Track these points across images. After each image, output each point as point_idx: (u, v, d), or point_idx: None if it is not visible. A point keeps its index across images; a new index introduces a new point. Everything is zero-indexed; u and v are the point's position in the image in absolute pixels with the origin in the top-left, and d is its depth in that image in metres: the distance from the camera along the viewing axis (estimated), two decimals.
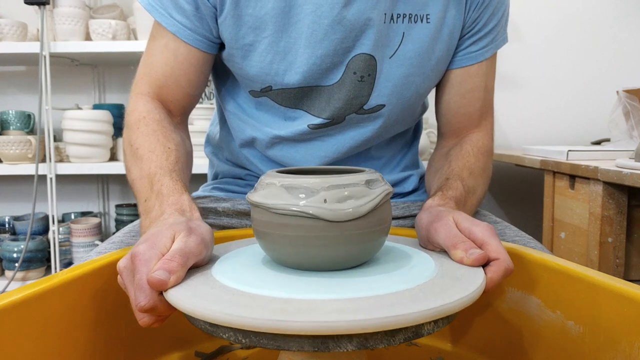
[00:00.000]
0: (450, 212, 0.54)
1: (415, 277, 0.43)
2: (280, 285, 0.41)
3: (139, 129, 0.67)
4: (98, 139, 1.75)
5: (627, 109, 1.43)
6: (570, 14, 1.96)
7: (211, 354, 0.61)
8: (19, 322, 0.42)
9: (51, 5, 1.70)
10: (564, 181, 1.28)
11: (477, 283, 0.42)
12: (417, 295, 0.39)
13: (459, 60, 0.75)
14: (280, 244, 0.44)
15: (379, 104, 0.72)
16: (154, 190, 0.58)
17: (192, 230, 0.48)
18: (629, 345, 0.41)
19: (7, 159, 1.77)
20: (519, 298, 0.54)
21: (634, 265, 1.18)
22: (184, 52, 0.70)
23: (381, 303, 0.37)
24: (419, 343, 0.63)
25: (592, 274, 0.46)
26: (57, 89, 1.94)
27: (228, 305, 0.38)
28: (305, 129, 0.73)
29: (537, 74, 1.98)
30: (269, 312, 0.36)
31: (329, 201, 0.42)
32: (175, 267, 0.42)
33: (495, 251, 0.47)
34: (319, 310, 0.36)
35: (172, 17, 0.68)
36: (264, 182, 0.45)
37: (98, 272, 0.51)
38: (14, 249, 1.76)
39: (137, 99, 0.71)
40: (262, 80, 0.71)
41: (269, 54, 0.68)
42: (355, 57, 0.69)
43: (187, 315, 0.42)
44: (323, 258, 0.43)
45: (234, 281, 0.42)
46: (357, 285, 0.41)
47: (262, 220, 0.45)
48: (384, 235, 0.46)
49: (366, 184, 0.44)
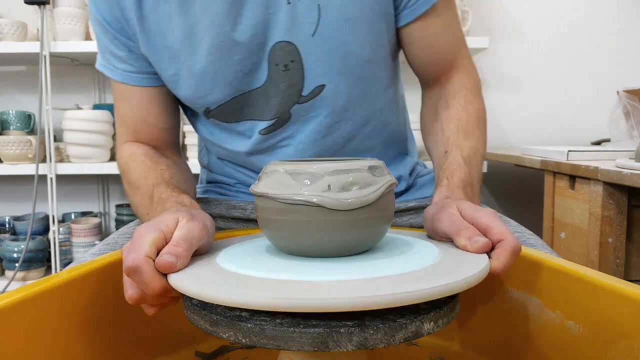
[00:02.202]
0: (454, 202, 0.54)
1: (419, 262, 0.43)
2: (285, 269, 0.42)
3: (130, 166, 0.70)
4: (98, 139, 1.75)
5: (627, 109, 1.43)
6: (570, 14, 1.96)
7: (211, 354, 0.61)
8: (19, 322, 0.42)
9: (51, 5, 1.71)
10: (564, 181, 1.28)
11: (481, 264, 0.42)
12: (421, 276, 0.39)
13: (405, 16, 0.71)
14: (284, 231, 0.44)
15: (317, 85, 0.69)
16: (154, 200, 0.60)
17: (194, 216, 0.49)
18: (629, 345, 0.41)
19: (7, 159, 1.77)
20: (519, 298, 0.54)
21: (634, 265, 1.18)
22: (138, 93, 0.73)
23: (384, 283, 0.38)
24: (419, 343, 0.63)
25: (592, 274, 0.46)
26: (57, 89, 1.94)
27: (234, 286, 0.38)
28: (259, 137, 0.72)
29: (537, 74, 1.99)
30: (275, 291, 0.37)
31: (333, 187, 0.42)
32: (181, 252, 0.43)
33: (499, 233, 0.47)
34: (325, 289, 0.37)
35: (116, 68, 0.72)
36: (268, 170, 0.46)
37: (98, 272, 0.51)
38: (14, 249, 1.77)
39: (122, 148, 0.75)
40: (198, 103, 0.71)
41: (193, 79, 0.68)
42: (272, 48, 0.66)
43: (186, 315, 0.42)
44: (326, 245, 0.44)
45: (238, 267, 0.43)
46: (361, 268, 0.41)
47: (265, 208, 0.45)
48: (387, 223, 0.47)
49: (370, 170, 0.45)
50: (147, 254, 0.42)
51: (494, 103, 1.97)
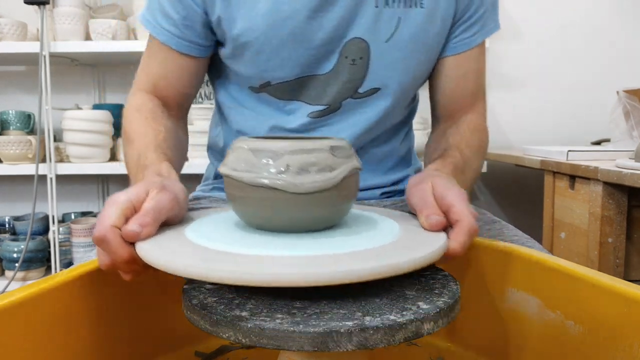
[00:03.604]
0: (431, 177, 0.56)
1: (374, 240, 0.45)
2: (242, 242, 0.44)
3: (133, 117, 0.72)
4: (98, 139, 1.75)
5: (627, 109, 1.43)
6: (570, 14, 1.96)
7: (211, 354, 0.61)
8: (19, 322, 0.42)
9: (51, 5, 1.71)
10: (564, 181, 1.28)
11: (434, 246, 0.44)
12: (368, 255, 0.41)
13: (452, 48, 0.77)
14: (246, 207, 0.47)
15: (374, 87, 0.74)
16: (140, 164, 0.62)
17: (165, 187, 0.50)
18: (629, 345, 0.42)
19: (7, 159, 1.77)
20: (519, 298, 0.54)
21: (634, 265, 1.18)
22: (175, 57, 0.74)
23: (339, 259, 0.40)
24: (419, 343, 0.63)
25: (592, 274, 0.46)
26: (57, 89, 1.94)
27: (188, 257, 0.41)
28: (306, 120, 0.76)
29: (537, 74, 1.99)
30: (231, 265, 0.39)
31: (291, 167, 0.44)
32: (148, 221, 0.45)
33: (458, 213, 0.49)
34: (269, 264, 0.39)
35: (162, 27, 0.73)
36: (235, 146, 0.48)
37: (98, 272, 0.51)
38: (14, 249, 1.76)
39: (135, 94, 0.76)
40: (260, 77, 0.73)
41: (264, 53, 0.70)
42: (348, 42, 0.71)
43: (187, 315, 0.42)
44: (286, 222, 0.46)
45: (201, 239, 0.45)
46: (313, 245, 0.43)
47: (230, 185, 0.47)
48: (347, 204, 0.48)
49: (331, 151, 0.45)
50: (114, 224, 0.44)
51: (494, 103, 1.97)
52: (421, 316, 0.39)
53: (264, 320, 0.38)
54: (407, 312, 0.39)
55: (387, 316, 0.38)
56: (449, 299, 0.42)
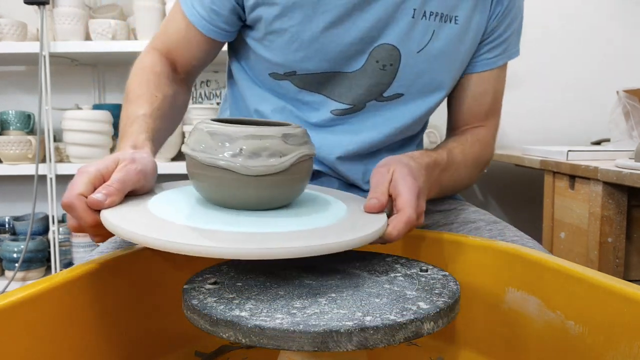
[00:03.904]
0: (398, 162, 0.59)
1: (317, 221, 0.48)
2: (192, 216, 0.48)
3: (137, 76, 0.73)
4: (98, 139, 1.75)
5: (627, 109, 1.43)
6: (570, 14, 1.96)
7: (211, 354, 0.61)
8: (19, 322, 0.42)
9: (51, 5, 1.70)
10: (563, 181, 1.28)
11: (366, 231, 0.47)
12: (306, 235, 0.44)
13: (476, 65, 0.79)
14: (203, 184, 0.50)
15: (398, 92, 0.76)
16: (124, 130, 0.64)
17: (134, 160, 0.53)
18: (628, 345, 0.42)
19: (7, 159, 1.77)
20: (519, 298, 0.54)
21: (634, 265, 1.18)
22: (195, 35, 0.76)
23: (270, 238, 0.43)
24: (419, 343, 0.63)
25: (592, 274, 0.46)
26: (57, 89, 1.93)
27: (142, 227, 0.44)
28: (329, 116, 0.77)
29: (537, 74, 1.98)
30: (173, 235, 0.42)
31: (244, 151, 0.47)
32: (113, 191, 0.49)
33: (402, 203, 0.53)
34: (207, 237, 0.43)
35: (194, 7, 0.74)
36: (196, 128, 0.51)
37: (98, 272, 0.51)
38: (14, 249, 1.76)
39: (148, 51, 0.78)
40: (287, 66, 0.74)
41: (296, 42, 0.71)
42: (378, 47, 0.72)
43: (187, 315, 0.42)
44: (238, 200, 0.49)
45: (160, 211, 0.48)
46: (263, 223, 0.47)
47: (189, 164, 0.51)
48: (297, 186, 0.52)
49: (283, 138, 0.48)
50: (81, 192, 0.48)
51: None
52: (421, 316, 0.39)
53: (264, 320, 0.38)
54: (407, 312, 0.39)
55: (387, 316, 0.39)
56: (449, 299, 0.42)
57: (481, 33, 0.76)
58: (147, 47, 0.79)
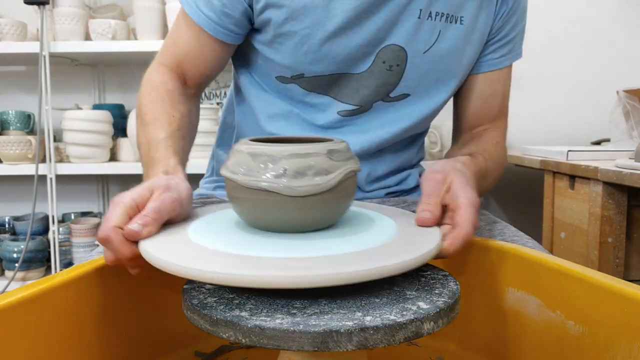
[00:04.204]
0: (455, 171, 0.56)
1: (368, 241, 0.46)
2: (241, 244, 0.45)
3: (150, 96, 0.71)
4: (98, 139, 1.75)
5: (627, 109, 1.43)
6: (570, 14, 1.96)
7: (211, 354, 0.61)
8: (19, 323, 0.42)
9: (51, 5, 1.70)
10: (563, 181, 1.28)
11: (423, 249, 0.44)
12: (361, 257, 0.41)
13: (483, 66, 0.79)
14: (245, 208, 0.48)
15: (404, 93, 0.76)
16: (150, 156, 0.63)
17: (169, 187, 0.51)
18: (628, 345, 0.42)
19: (7, 159, 1.77)
20: (519, 298, 0.54)
21: (634, 265, 1.18)
22: (207, 40, 0.74)
23: (325, 262, 0.40)
24: (419, 343, 0.63)
25: (592, 274, 0.46)
26: (57, 89, 1.94)
27: (185, 258, 0.41)
28: (336, 117, 0.76)
29: (537, 74, 1.98)
30: (221, 266, 0.40)
31: (288, 171, 0.45)
32: (149, 221, 0.47)
33: (462, 217, 0.50)
34: (267, 265, 0.40)
35: (200, 10, 0.72)
36: (235, 150, 0.49)
37: (98, 272, 0.51)
38: (14, 249, 1.76)
39: (156, 68, 0.76)
40: (295, 69, 0.74)
41: (305, 45, 0.71)
42: (385, 48, 0.72)
43: (187, 315, 0.42)
44: (283, 223, 0.47)
45: (202, 239, 0.46)
46: (312, 247, 0.44)
47: (230, 187, 0.48)
48: (344, 204, 0.49)
49: (328, 154, 0.46)
50: (116, 224, 0.46)
51: None
52: (421, 316, 0.39)
53: (264, 320, 0.38)
54: (407, 312, 0.39)
55: (387, 316, 0.38)
56: (449, 299, 0.42)
57: (487, 33, 0.76)
58: (153, 64, 0.77)
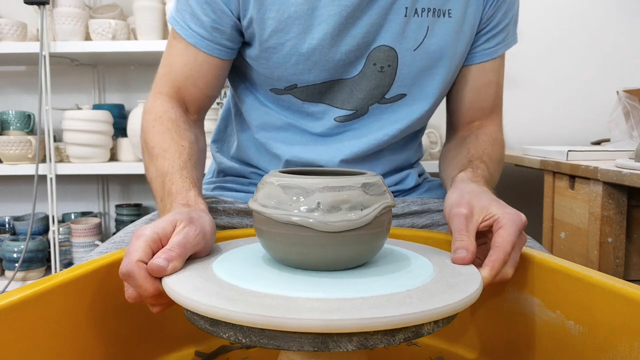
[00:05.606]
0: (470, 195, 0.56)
1: (407, 281, 0.42)
2: (273, 283, 0.42)
3: (155, 128, 0.69)
4: (98, 139, 1.75)
5: (627, 109, 1.43)
6: (570, 14, 1.96)
7: (211, 354, 0.61)
8: (19, 323, 0.42)
9: (51, 5, 1.70)
10: (563, 181, 1.28)
11: (466, 292, 0.41)
12: (403, 300, 0.39)
13: (476, 56, 0.78)
14: (275, 243, 0.45)
15: (400, 93, 0.75)
16: (165, 189, 0.61)
17: (192, 220, 0.49)
18: (628, 345, 0.42)
19: (7, 159, 1.77)
20: (519, 298, 0.54)
21: (634, 265, 1.18)
22: (202, 59, 0.73)
23: (364, 305, 0.37)
24: (419, 343, 0.63)
25: (592, 274, 0.46)
26: (57, 89, 1.94)
27: (211, 296, 0.39)
28: (333, 124, 0.76)
29: (537, 74, 1.98)
30: (255, 307, 0.37)
31: (322, 205, 0.42)
32: (174, 256, 0.44)
33: (503, 238, 0.50)
34: (299, 307, 0.37)
35: (190, 28, 0.72)
36: (265, 181, 0.46)
37: (98, 272, 0.51)
38: (14, 249, 1.76)
39: (156, 98, 0.74)
40: (287, 80, 0.73)
41: (294, 56, 0.71)
42: (375, 50, 0.72)
43: (187, 315, 0.42)
44: (315, 260, 0.44)
45: (229, 276, 0.43)
46: (344, 286, 0.41)
47: (259, 220, 0.46)
48: (379, 242, 0.46)
49: (363, 188, 0.44)
50: (140, 259, 0.44)
51: None
52: None
53: None
54: None
55: None
56: None
57: (477, 23, 0.76)
58: (151, 95, 0.75)
